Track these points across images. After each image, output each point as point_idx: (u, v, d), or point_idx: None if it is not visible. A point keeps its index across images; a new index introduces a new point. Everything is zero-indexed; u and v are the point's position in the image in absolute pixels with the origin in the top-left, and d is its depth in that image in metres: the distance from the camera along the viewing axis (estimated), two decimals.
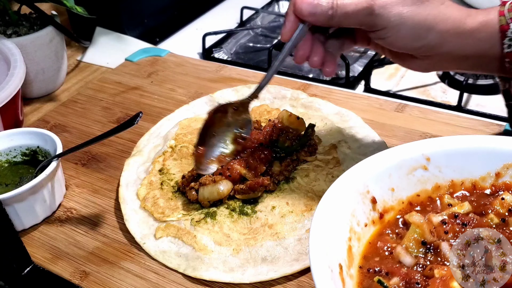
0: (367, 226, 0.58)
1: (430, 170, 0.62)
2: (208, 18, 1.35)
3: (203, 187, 0.70)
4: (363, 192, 0.59)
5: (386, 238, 0.58)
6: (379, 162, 0.61)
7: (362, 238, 0.57)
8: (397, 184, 0.61)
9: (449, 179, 0.62)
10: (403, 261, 0.54)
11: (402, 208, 0.61)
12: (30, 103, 1.03)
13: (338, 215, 0.55)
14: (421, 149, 0.62)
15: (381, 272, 0.54)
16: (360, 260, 0.56)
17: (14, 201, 0.68)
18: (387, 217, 0.60)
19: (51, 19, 0.99)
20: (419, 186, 0.62)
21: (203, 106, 0.93)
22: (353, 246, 0.55)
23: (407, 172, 0.61)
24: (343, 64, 1.02)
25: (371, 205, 0.59)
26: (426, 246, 0.55)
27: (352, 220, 0.56)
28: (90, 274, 0.65)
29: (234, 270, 0.63)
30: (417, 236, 0.55)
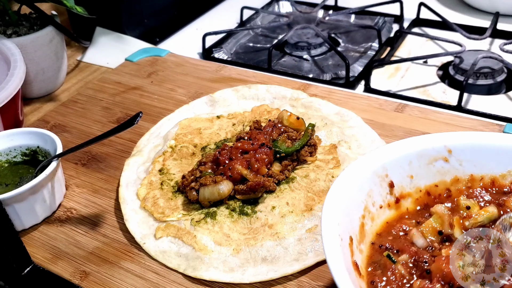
0: (382, 208, 0.59)
1: (450, 162, 0.63)
2: (208, 18, 1.35)
3: (204, 188, 0.70)
4: (382, 175, 0.60)
5: (406, 221, 0.59)
6: (401, 148, 0.62)
7: (376, 218, 0.59)
8: (417, 172, 0.62)
9: (469, 173, 0.63)
10: (416, 242, 0.56)
11: (419, 197, 0.62)
12: (30, 103, 1.03)
13: (355, 192, 0.57)
14: (444, 140, 0.63)
15: (392, 249, 0.55)
16: (373, 237, 0.57)
17: (14, 201, 0.68)
18: (404, 203, 0.61)
19: (51, 19, 0.99)
20: (438, 177, 0.63)
21: (203, 106, 0.93)
22: (366, 224, 0.57)
23: (427, 161, 0.62)
24: (343, 64, 1.02)
25: (389, 189, 0.60)
26: (441, 236, 0.56)
27: (368, 200, 0.58)
28: (90, 274, 0.65)
29: (234, 270, 0.63)
30: (436, 225, 0.57)
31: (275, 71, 1.07)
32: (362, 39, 1.17)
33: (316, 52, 1.14)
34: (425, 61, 1.08)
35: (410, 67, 1.08)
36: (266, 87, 0.94)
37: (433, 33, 1.17)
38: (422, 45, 1.15)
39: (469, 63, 0.98)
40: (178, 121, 0.89)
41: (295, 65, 1.11)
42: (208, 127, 0.87)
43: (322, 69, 1.08)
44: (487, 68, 0.99)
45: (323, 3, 1.28)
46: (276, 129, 0.78)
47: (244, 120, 0.87)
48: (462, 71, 1.00)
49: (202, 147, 0.83)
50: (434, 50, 1.12)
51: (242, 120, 0.87)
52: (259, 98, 0.93)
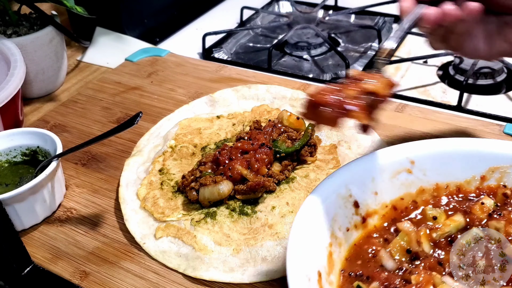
0: (349, 230, 0.57)
1: (414, 174, 0.61)
2: (208, 18, 1.35)
3: (204, 188, 0.70)
4: (346, 196, 0.58)
5: (373, 241, 0.57)
6: (362, 165, 0.60)
7: (344, 243, 0.56)
8: (381, 188, 0.60)
9: (434, 182, 0.62)
10: (385, 265, 0.54)
11: (385, 213, 0.60)
12: (30, 103, 1.03)
13: (319, 220, 0.54)
14: (406, 152, 0.61)
15: (362, 276, 0.53)
16: (342, 264, 0.55)
17: (14, 201, 0.68)
18: (371, 221, 0.59)
19: (51, 19, 0.99)
20: (403, 190, 0.61)
21: (203, 106, 0.93)
22: (334, 252, 0.54)
23: (391, 175, 0.61)
24: (343, 64, 1.02)
25: (354, 209, 0.58)
26: (410, 254, 0.55)
27: (333, 225, 0.56)
28: (90, 274, 0.65)
29: (234, 270, 0.63)
30: (404, 243, 0.55)
31: (275, 71, 1.07)
32: (362, 39, 1.17)
33: (316, 52, 1.14)
34: (425, 61, 1.08)
35: (410, 67, 1.08)
36: (266, 87, 0.94)
37: None
38: (422, 45, 1.15)
39: (469, 63, 0.98)
40: (178, 121, 0.89)
41: (295, 65, 1.10)
42: (208, 127, 0.86)
43: (322, 69, 1.08)
44: (487, 68, 0.99)
45: (323, 3, 1.28)
46: (276, 129, 0.78)
47: (244, 120, 0.87)
48: (462, 71, 1.00)
49: (202, 147, 0.83)
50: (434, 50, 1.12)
51: (242, 120, 0.87)
52: (259, 98, 0.93)
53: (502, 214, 0.57)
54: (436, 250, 0.55)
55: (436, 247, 0.56)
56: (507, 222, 0.56)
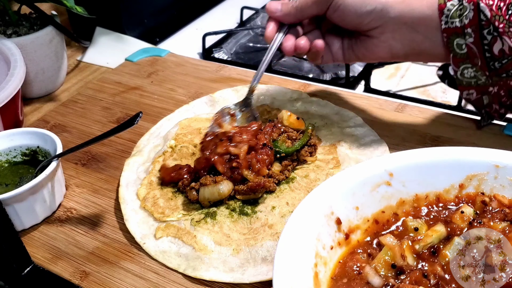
0: (333, 248, 0.57)
1: (393, 186, 0.61)
2: (208, 18, 1.35)
3: (204, 188, 0.70)
4: (328, 214, 0.58)
5: (357, 257, 0.57)
6: (342, 181, 0.60)
7: (329, 262, 0.56)
8: (362, 202, 0.60)
9: (413, 193, 0.62)
10: (371, 282, 0.54)
11: (368, 227, 0.60)
12: (30, 103, 1.03)
13: (303, 241, 0.54)
14: (384, 164, 0.62)
15: None
16: (328, 283, 0.55)
17: (14, 201, 0.68)
18: (354, 237, 0.59)
19: (51, 19, 0.99)
20: (384, 203, 0.61)
21: (203, 106, 0.93)
22: (319, 272, 0.54)
23: (370, 189, 0.61)
24: (343, 64, 1.02)
25: (336, 226, 0.58)
26: (395, 269, 0.54)
27: (317, 245, 0.55)
28: (90, 274, 0.65)
29: (234, 270, 0.63)
30: (388, 258, 0.55)
31: (275, 71, 1.07)
32: None
33: None
34: None
35: (410, 67, 1.08)
36: (266, 87, 0.94)
37: None
38: None
39: None
40: (178, 121, 0.89)
41: (295, 65, 1.10)
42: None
43: (322, 69, 1.08)
44: None
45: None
46: (276, 129, 0.78)
47: None
48: None
49: None
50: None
51: None
52: (259, 98, 0.93)
53: (482, 222, 0.57)
54: (420, 262, 0.55)
55: (420, 259, 0.56)
56: None
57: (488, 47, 0.69)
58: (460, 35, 0.69)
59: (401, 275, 0.54)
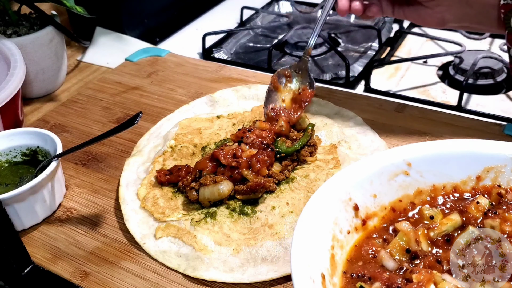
0: (350, 233, 0.58)
1: (411, 175, 0.62)
2: (208, 18, 1.35)
3: (204, 188, 0.70)
4: (345, 200, 0.59)
5: (373, 242, 0.58)
6: (361, 169, 0.61)
7: (345, 245, 0.57)
8: (379, 190, 0.61)
9: (431, 183, 0.63)
10: (386, 265, 0.55)
11: (385, 214, 0.61)
12: (30, 103, 1.03)
13: (321, 224, 0.55)
14: (402, 154, 0.62)
15: (364, 276, 0.54)
16: (343, 265, 0.56)
17: (14, 201, 0.68)
18: (370, 223, 0.60)
19: (51, 19, 0.99)
20: (401, 192, 0.62)
21: (203, 106, 0.93)
22: (336, 254, 0.55)
23: (388, 178, 0.62)
24: (343, 64, 1.02)
25: (354, 212, 0.59)
26: (409, 254, 0.55)
27: (334, 228, 0.56)
28: (90, 274, 0.65)
29: (234, 270, 0.63)
30: (403, 243, 0.56)
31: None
32: (362, 39, 1.17)
33: (316, 52, 1.14)
34: (425, 61, 1.08)
35: (410, 67, 1.08)
36: (266, 87, 0.94)
37: (433, 33, 1.17)
38: (422, 45, 1.15)
39: (469, 63, 0.98)
40: (178, 121, 0.89)
41: None
42: (208, 127, 0.86)
43: (322, 69, 1.08)
44: (487, 68, 0.99)
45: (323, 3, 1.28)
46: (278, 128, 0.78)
47: (244, 120, 0.87)
48: (462, 71, 1.00)
49: (202, 147, 0.83)
50: (434, 50, 1.12)
51: (242, 120, 0.87)
52: (259, 98, 0.92)
53: (497, 213, 0.58)
54: (434, 249, 0.56)
55: (434, 246, 0.57)
56: (502, 220, 0.56)
57: None
58: None
59: (415, 259, 0.55)
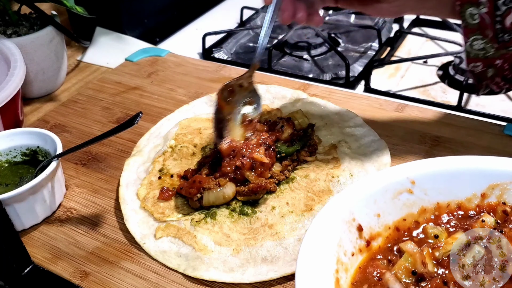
0: (354, 255, 0.57)
1: (415, 194, 0.61)
2: (208, 18, 1.35)
3: (208, 192, 0.70)
4: (349, 220, 0.58)
5: (377, 263, 0.57)
6: (364, 188, 0.60)
7: (350, 268, 0.56)
8: (383, 209, 0.60)
9: (435, 201, 0.62)
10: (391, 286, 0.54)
11: (389, 234, 0.60)
12: (30, 103, 1.03)
13: (325, 247, 0.54)
14: (406, 172, 0.62)
15: None
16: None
17: (14, 201, 0.68)
18: (374, 244, 0.59)
19: (51, 19, 0.99)
20: (405, 210, 0.61)
21: (203, 106, 0.93)
22: (340, 278, 0.54)
23: (392, 196, 0.61)
24: (343, 64, 1.02)
25: (358, 233, 0.58)
26: (416, 276, 0.54)
27: (339, 251, 0.56)
28: (90, 274, 0.65)
29: (234, 270, 0.63)
30: (409, 265, 0.55)
31: (275, 71, 1.07)
32: (362, 39, 1.17)
33: (316, 52, 1.14)
34: (425, 61, 1.08)
35: (410, 67, 1.08)
36: (266, 87, 0.94)
37: (433, 33, 1.17)
38: (422, 45, 1.15)
39: None
40: (178, 121, 0.89)
41: (295, 65, 1.11)
42: (208, 127, 0.86)
43: (322, 69, 1.08)
44: None
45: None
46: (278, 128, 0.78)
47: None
48: (462, 71, 1.00)
49: (202, 147, 0.83)
50: (434, 50, 1.12)
51: None
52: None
53: (503, 232, 0.57)
54: (440, 269, 0.55)
55: (440, 266, 0.55)
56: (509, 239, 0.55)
57: (500, 19, 0.68)
58: (474, 5, 0.68)
59: (421, 282, 0.54)
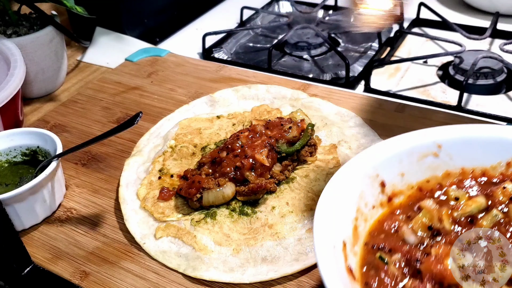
0: (375, 208, 0.59)
1: (441, 157, 0.62)
2: (208, 18, 1.35)
3: (207, 192, 0.70)
4: (373, 176, 0.60)
5: (396, 217, 0.59)
6: (390, 147, 0.62)
7: (369, 219, 0.58)
8: (408, 170, 0.62)
9: (460, 166, 0.63)
10: (407, 240, 0.56)
11: (411, 193, 0.62)
12: (30, 103, 1.03)
13: (346, 195, 0.56)
14: (433, 136, 0.63)
15: (384, 248, 0.55)
16: (366, 237, 0.57)
17: (14, 201, 0.68)
18: (396, 200, 0.61)
19: (51, 19, 0.99)
20: (429, 172, 0.63)
21: (203, 106, 0.93)
22: (359, 225, 0.56)
23: (417, 158, 0.62)
24: (343, 64, 1.02)
25: (380, 188, 0.60)
26: (431, 231, 0.56)
27: (359, 202, 0.57)
28: (90, 274, 0.65)
29: (234, 270, 0.63)
30: (426, 220, 0.57)
31: (275, 71, 1.07)
32: (362, 39, 1.17)
33: (316, 52, 1.14)
34: (425, 61, 1.08)
35: (410, 67, 1.08)
36: (266, 87, 0.94)
37: (433, 33, 1.17)
38: (422, 45, 1.15)
39: (469, 63, 0.98)
40: (178, 121, 0.89)
41: (295, 65, 1.11)
42: (208, 127, 0.87)
43: (322, 69, 1.08)
44: (487, 68, 0.99)
45: (323, 3, 1.28)
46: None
47: (244, 120, 0.87)
48: (462, 71, 1.00)
49: (202, 147, 0.83)
50: (434, 50, 1.12)
51: (242, 120, 0.87)
52: (259, 98, 0.93)
53: None
54: (457, 228, 0.57)
55: (457, 225, 0.57)
56: None
57: None
58: None
59: (436, 236, 0.56)
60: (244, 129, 0.79)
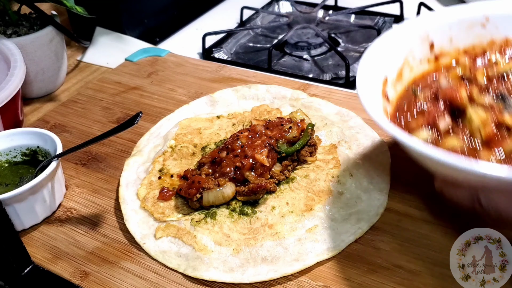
0: (422, 63, 0.68)
1: (487, 28, 0.70)
2: (208, 18, 1.35)
3: (207, 192, 0.70)
4: (424, 37, 0.68)
5: (438, 73, 0.68)
6: (441, 16, 0.70)
7: (415, 69, 0.68)
8: (456, 36, 0.70)
9: (504, 36, 0.70)
10: (441, 83, 0.65)
11: (456, 56, 0.70)
12: (30, 103, 1.03)
13: (398, 45, 0.66)
14: (483, 9, 0.70)
15: (419, 87, 0.65)
16: (409, 83, 0.67)
17: (14, 201, 0.68)
18: (442, 60, 0.70)
19: (51, 19, 0.99)
20: (476, 40, 0.70)
21: (203, 106, 0.93)
22: (404, 72, 0.67)
23: (466, 27, 0.70)
24: (343, 64, 1.02)
25: (429, 48, 0.69)
26: (463, 80, 0.64)
27: (408, 55, 0.67)
28: (90, 274, 0.65)
29: (234, 270, 0.63)
30: (460, 71, 0.66)
31: (275, 71, 1.07)
32: (362, 39, 1.17)
33: (316, 52, 1.14)
34: None
35: None
36: (266, 87, 0.94)
37: None
38: None
39: None
40: (178, 121, 0.89)
41: (295, 65, 1.11)
42: (208, 127, 0.87)
43: (322, 69, 1.08)
44: None
45: (323, 3, 1.28)
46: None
47: (244, 120, 0.87)
48: None
49: (202, 147, 0.83)
50: None
51: (242, 120, 0.87)
52: (259, 98, 0.93)
53: None
54: (488, 83, 0.63)
55: (489, 80, 0.63)
56: None
57: None
58: None
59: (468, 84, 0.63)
60: (244, 129, 0.79)
